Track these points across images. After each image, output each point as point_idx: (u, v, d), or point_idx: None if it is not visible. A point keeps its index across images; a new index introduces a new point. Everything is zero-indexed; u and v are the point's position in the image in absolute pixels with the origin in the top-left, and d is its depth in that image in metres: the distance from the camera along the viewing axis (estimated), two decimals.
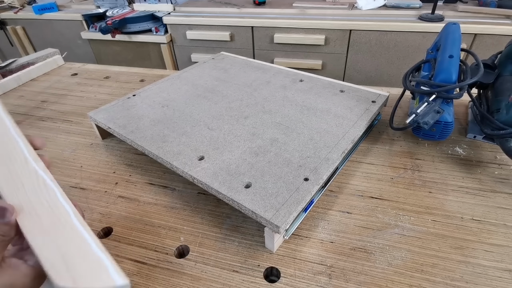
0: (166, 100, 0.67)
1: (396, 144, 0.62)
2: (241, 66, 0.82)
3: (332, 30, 1.52)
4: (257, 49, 1.71)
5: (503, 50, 0.61)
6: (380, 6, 1.60)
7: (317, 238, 0.45)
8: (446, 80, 0.55)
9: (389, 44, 1.49)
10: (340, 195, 0.52)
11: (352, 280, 0.40)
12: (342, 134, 0.55)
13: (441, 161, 0.57)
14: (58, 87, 0.93)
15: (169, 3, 1.82)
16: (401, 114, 0.70)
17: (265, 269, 0.41)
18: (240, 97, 0.67)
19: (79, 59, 1.23)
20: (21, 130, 0.36)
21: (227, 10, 1.74)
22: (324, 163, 0.48)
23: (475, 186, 0.52)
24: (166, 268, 0.42)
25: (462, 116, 0.69)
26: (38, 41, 2.14)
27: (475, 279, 0.39)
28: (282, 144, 0.53)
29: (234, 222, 0.48)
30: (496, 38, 1.35)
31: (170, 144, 0.54)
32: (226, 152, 0.51)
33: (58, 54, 1.11)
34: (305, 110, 0.62)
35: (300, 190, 0.44)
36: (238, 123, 0.59)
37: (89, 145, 0.67)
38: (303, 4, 1.72)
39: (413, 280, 0.39)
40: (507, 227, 0.45)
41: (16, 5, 2.10)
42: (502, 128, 0.52)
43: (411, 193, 0.51)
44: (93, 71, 1.02)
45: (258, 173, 0.47)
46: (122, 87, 0.90)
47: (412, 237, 0.44)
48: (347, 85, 0.70)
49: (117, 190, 0.55)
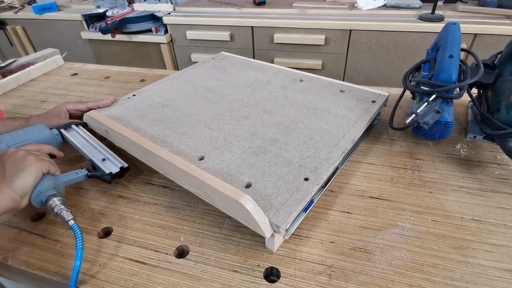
0: (166, 100, 0.67)
1: (396, 144, 0.62)
2: (241, 66, 0.81)
3: (332, 30, 1.52)
4: (257, 49, 1.70)
5: (503, 50, 0.61)
6: (380, 6, 1.60)
7: (317, 238, 0.45)
8: (446, 80, 0.55)
9: (389, 44, 1.49)
10: (340, 195, 0.52)
11: (352, 280, 0.40)
12: (342, 134, 0.55)
13: (441, 161, 0.57)
14: (58, 87, 0.93)
15: (169, 3, 1.82)
16: (401, 114, 0.70)
17: (265, 269, 0.41)
18: (240, 97, 0.67)
19: (79, 59, 1.23)
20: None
21: (227, 10, 1.74)
22: (324, 163, 0.48)
23: (475, 186, 0.52)
24: (166, 268, 0.42)
25: (462, 116, 0.69)
26: (38, 41, 2.14)
27: (475, 279, 0.39)
28: (282, 144, 0.53)
29: (234, 222, 0.48)
30: (496, 38, 1.35)
31: (170, 144, 0.54)
32: (226, 152, 0.51)
33: (58, 54, 1.11)
34: (305, 110, 0.62)
35: (300, 190, 0.44)
36: (238, 123, 0.59)
37: None
38: (303, 4, 1.71)
39: (413, 280, 0.39)
40: (507, 227, 0.45)
41: (16, 5, 2.10)
42: (502, 128, 0.51)
43: (411, 193, 0.51)
44: (93, 71, 1.02)
45: (258, 173, 0.47)
46: (122, 87, 0.90)
47: (412, 237, 0.44)
48: (347, 85, 0.70)
49: (117, 190, 0.55)
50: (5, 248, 0.46)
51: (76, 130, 0.62)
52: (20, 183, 0.42)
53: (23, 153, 0.45)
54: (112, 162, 0.55)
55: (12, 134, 0.55)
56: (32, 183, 0.43)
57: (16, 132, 0.55)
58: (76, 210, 0.52)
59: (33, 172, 0.44)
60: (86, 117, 0.63)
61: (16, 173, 0.43)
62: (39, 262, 0.44)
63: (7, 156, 0.45)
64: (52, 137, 0.58)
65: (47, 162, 0.47)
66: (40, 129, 0.57)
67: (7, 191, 0.41)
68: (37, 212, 0.52)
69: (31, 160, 0.44)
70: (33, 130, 0.56)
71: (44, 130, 0.57)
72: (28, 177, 0.43)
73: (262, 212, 0.40)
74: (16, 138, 0.54)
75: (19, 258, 0.45)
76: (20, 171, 0.43)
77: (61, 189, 0.47)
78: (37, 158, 0.45)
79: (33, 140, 0.55)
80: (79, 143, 0.59)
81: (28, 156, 0.45)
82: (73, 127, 0.62)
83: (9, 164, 0.44)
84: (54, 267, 0.43)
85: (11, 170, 0.43)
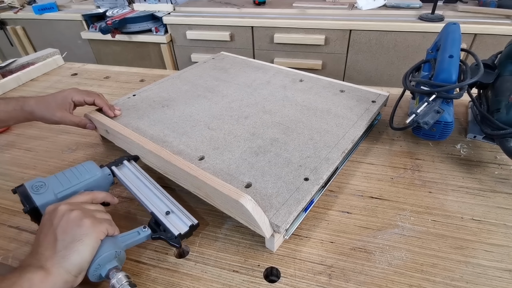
0: (166, 100, 0.67)
1: (396, 144, 0.62)
2: (241, 66, 0.81)
3: (332, 30, 1.52)
4: (257, 49, 1.70)
5: (503, 50, 0.61)
6: (380, 6, 1.60)
7: (317, 238, 0.45)
8: (446, 80, 0.55)
9: (389, 44, 1.48)
10: (340, 195, 0.52)
11: (352, 280, 0.40)
12: (342, 134, 0.55)
13: (441, 161, 0.57)
14: (58, 87, 0.93)
15: (169, 3, 1.82)
16: (401, 114, 0.70)
17: (265, 269, 0.41)
18: (240, 97, 0.67)
19: (79, 59, 1.23)
20: (21, 130, 0.36)
21: (227, 10, 1.74)
22: (324, 163, 0.48)
23: (475, 186, 0.52)
24: (166, 268, 0.42)
25: (462, 116, 0.69)
26: (38, 41, 2.14)
27: (475, 279, 0.39)
28: (282, 144, 0.53)
29: (234, 222, 0.48)
30: (496, 38, 1.35)
31: (170, 144, 0.54)
32: (226, 152, 0.51)
33: (58, 54, 1.11)
34: (305, 110, 0.62)
35: (300, 190, 0.44)
36: (238, 123, 0.59)
37: (89, 145, 0.67)
38: (303, 4, 1.71)
39: (413, 280, 0.39)
40: (507, 227, 0.45)
41: (16, 5, 2.10)
42: (502, 128, 0.51)
43: (411, 193, 0.51)
44: (93, 71, 1.02)
45: (258, 173, 0.47)
46: (122, 87, 0.90)
47: (412, 237, 0.44)
48: (347, 85, 0.70)
49: (117, 190, 0.55)
50: (5, 248, 0.46)
51: (128, 167, 0.52)
52: (75, 259, 0.34)
53: (78, 216, 0.37)
54: (178, 216, 0.44)
55: (58, 176, 0.45)
56: (90, 257, 0.35)
57: (62, 174, 0.46)
58: None
59: (91, 242, 0.36)
60: (86, 116, 0.63)
61: (70, 245, 0.35)
62: None
63: (58, 218, 0.37)
64: (104, 178, 0.48)
65: (105, 223, 0.39)
66: (90, 168, 0.47)
67: (59, 272, 0.33)
68: None
69: (88, 226, 0.36)
70: (82, 171, 0.46)
71: (95, 171, 0.47)
72: (85, 250, 0.35)
73: (262, 212, 0.40)
74: (64, 182, 0.44)
75: (19, 258, 0.45)
76: (75, 243, 0.35)
77: (122, 257, 0.39)
78: (94, 221, 0.37)
79: (83, 184, 0.45)
80: (136, 188, 0.48)
81: (84, 220, 0.37)
82: (125, 164, 0.52)
83: (60, 231, 0.36)
84: None
85: (64, 240, 0.35)
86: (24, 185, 0.43)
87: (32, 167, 0.62)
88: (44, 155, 0.65)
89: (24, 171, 0.61)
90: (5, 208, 0.53)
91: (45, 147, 0.67)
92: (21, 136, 0.71)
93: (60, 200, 0.43)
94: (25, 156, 0.65)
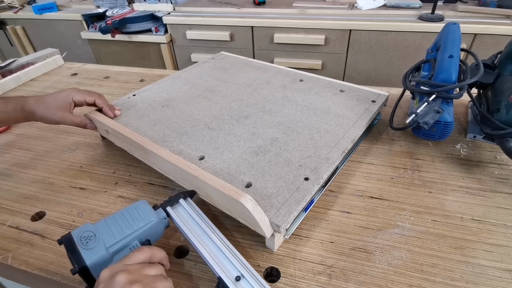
0: (166, 100, 0.67)
1: (396, 144, 0.62)
2: (241, 66, 0.81)
3: (332, 30, 1.52)
4: (257, 49, 1.70)
5: (503, 50, 0.61)
6: (380, 6, 1.60)
7: (317, 238, 0.45)
8: (446, 80, 0.55)
9: (389, 44, 1.48)
10: (340, 195, 0.52)
11: (352, 280, 0.40)
12: (342, 134, 0.55)
13: (441, 161, 0.57)
14: (58, 87, 0.93)
15: (169, 3, 1.82)
16: (401, 114, 0.70)
17: (265, 269, 0.41)
18: (240, 97, 0.67)
19: (79, 59, 1.23)
20: (21, 130, 0.36)
21: (227, 10, 1.74)
22: (324, 163, 0.48)
23: (475, 186, 0.52)
24: None
25: (462, 116, 0.69)
26: (38, 41, 2.14)
27: (475, 279, 0.39)
28: (282, 143, 0.53)
29: (234, 222, 0.48)
30: (496, 38, 1.35)
31: (170, 144, 0.54)
32: (226, 152, 0.51)
33: (58, 54, 1.11)
34: (305, 109, 0.62)
35: (301, 189, 0.44)
36: (238, 123, 0.59)
37: (89, 145, 0.67)
38: (303, 4, 1.71)
39: (413, 280, 0.39)
40: (507, 227, 0.45)
41: (16, 5, 2.10)
42: (502, 128, 0.51)
43: (411, 193, 0.51)
44: (93, 71, 1.02)
45: (258, 172, 0.47)
46: (122, 87, 0.90)
47: (412, 237, 0.44)
48: (347, 85, 0.70)
49: (117, 190, 0.55)
50: (5, 248, 0.46)
51: (184, 207, 0.44)
52: None
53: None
54: (250, 283, 0.36)
55: (108, 223, 0.38)
56: None
57: (113, 219, 0.39)
58: (76, 210, 0.52)
59: None
60: (86, 116, 0.63)
61: None
62: (39, 262, 0.44)
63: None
64: (159, 223, 0.41)
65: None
66: (144, 212, 0.40)
67: None
68: (37, 212, 0.51)
69: None
70: (135, 215, 0.40)
71: (150, 216, 0.40)
72: None
73: (262, 212, 0.40)
74: (116, 232, 0.38)
75: (19, 258, 0.45)
76: None
77: None
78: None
79: (137, 234, 0.38)
80: (196, 238, 0.41)
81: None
82: (181, 202, 0.45)
83: None
84: (54, 267, 0.43)
85: None
86: (71, 235, 0.37)
87: (32, 167, 0.62)
88: (44, 155, 0.65)
89: (24, 171, 0.61)
90: (5, 208, 0.53)
91: (45, 147, 0.67)
92: (21, 136, 0.71)
93: (112, 255, 0.37)
94: (25, 156, 0.65)
